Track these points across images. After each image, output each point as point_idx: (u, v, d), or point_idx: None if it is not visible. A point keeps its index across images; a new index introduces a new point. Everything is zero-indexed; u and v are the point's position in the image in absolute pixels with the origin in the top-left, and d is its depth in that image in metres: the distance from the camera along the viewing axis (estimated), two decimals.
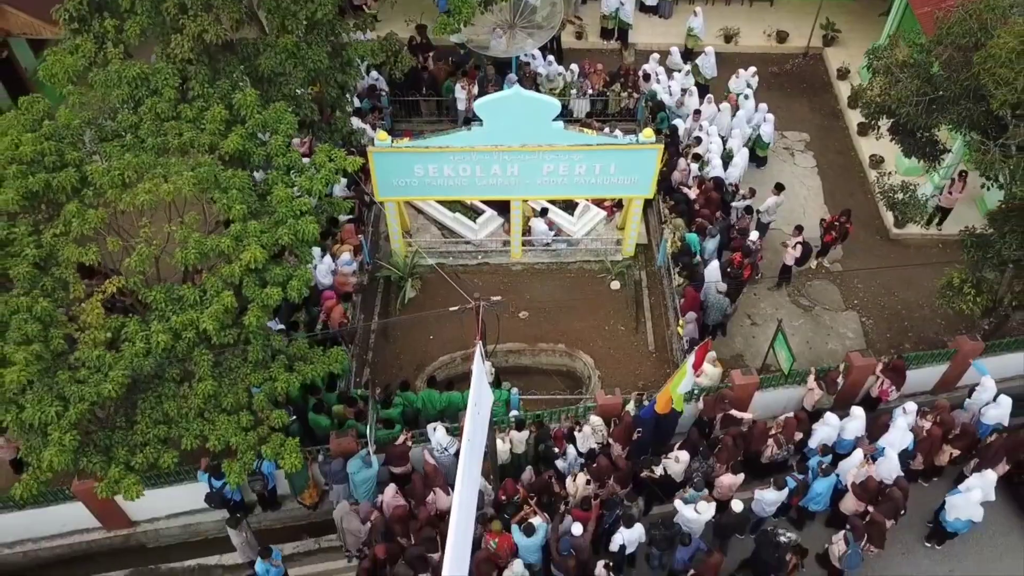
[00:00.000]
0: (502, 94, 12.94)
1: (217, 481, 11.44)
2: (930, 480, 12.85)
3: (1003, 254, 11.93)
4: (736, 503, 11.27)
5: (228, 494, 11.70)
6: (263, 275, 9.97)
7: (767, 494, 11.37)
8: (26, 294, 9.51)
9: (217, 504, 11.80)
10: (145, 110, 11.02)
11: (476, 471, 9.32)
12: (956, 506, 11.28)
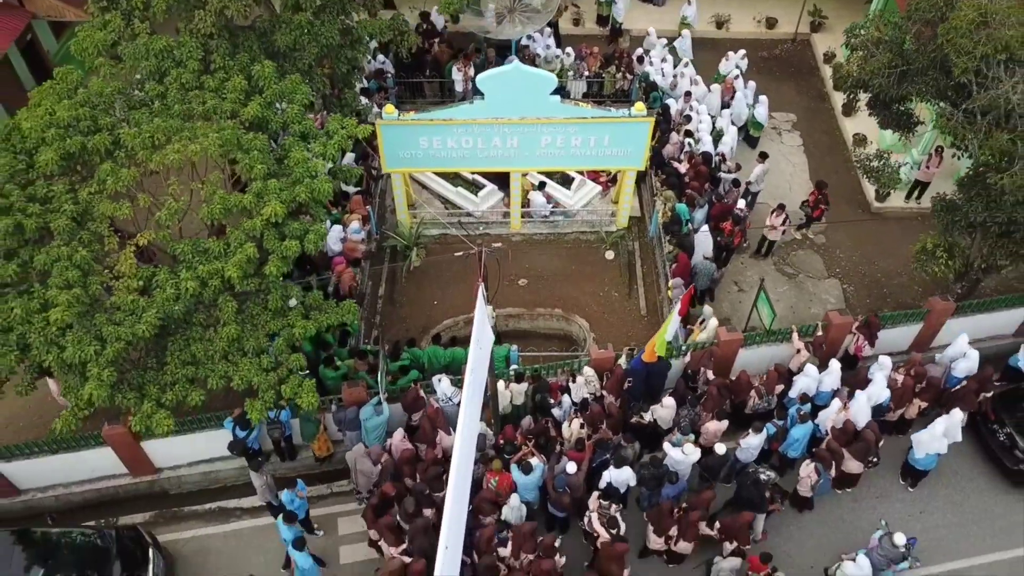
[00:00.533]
0: (502, 68, 13.83)
1: (241, 432, 12.29)
2: (904, 432, 13.69)
3: (970, 217, 12.77)
4: (720, 446, 12.14)
5: (250, 443, 12.53)
6: (282, 229, 10.83)
7: (749, 439, 12.22)
8: (66, 245, 10.38)
9: (239, 452, 12.64)
10: (171, 80, 11.89)
11: (477, 404, 10.17)
12: (922, 442, 12.16)
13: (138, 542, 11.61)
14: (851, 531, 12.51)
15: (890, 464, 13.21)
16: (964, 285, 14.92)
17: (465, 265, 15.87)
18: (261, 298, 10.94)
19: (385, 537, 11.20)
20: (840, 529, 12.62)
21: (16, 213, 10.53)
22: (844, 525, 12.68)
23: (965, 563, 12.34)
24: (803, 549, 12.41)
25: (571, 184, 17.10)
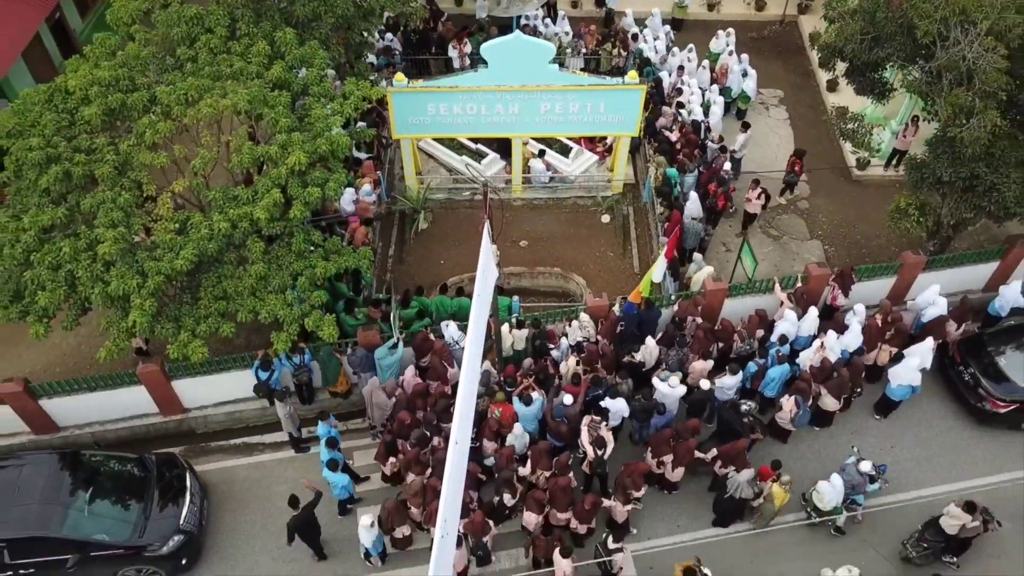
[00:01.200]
0: (505, 38, 14.90)
1: (264, 373, 13.35)
2: (878, 379, 14.71)
3: (937, 173, 13.82)
4: (704, 382, 13.20)
5: (272, 384, 13.57)
6: (305, 177, 11.88)
7: (725, 379, 13.27)
8: (110, 190, 11.43)
9: (264, 394, 13.69)
10: (200, 45, 12.96)
11: (481, 331, 11.17)
12: (898, 374, 13.27)
13: (176, 468, 12.67)
14: (827, 463, 13.53)
15: (865, 403, 14.30)
16: (936, 243, 15.99)
17: (469, 228, 17.08)
18: (285, 241, 12.00)
19: (412, 469, 12.21)
20: (817, 460, 13.67)
21: (64, 162, 11.60)
22: (821, 457, 13.72)
23: (932, 491, 13.36)
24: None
25: (569, 153, 18.17)
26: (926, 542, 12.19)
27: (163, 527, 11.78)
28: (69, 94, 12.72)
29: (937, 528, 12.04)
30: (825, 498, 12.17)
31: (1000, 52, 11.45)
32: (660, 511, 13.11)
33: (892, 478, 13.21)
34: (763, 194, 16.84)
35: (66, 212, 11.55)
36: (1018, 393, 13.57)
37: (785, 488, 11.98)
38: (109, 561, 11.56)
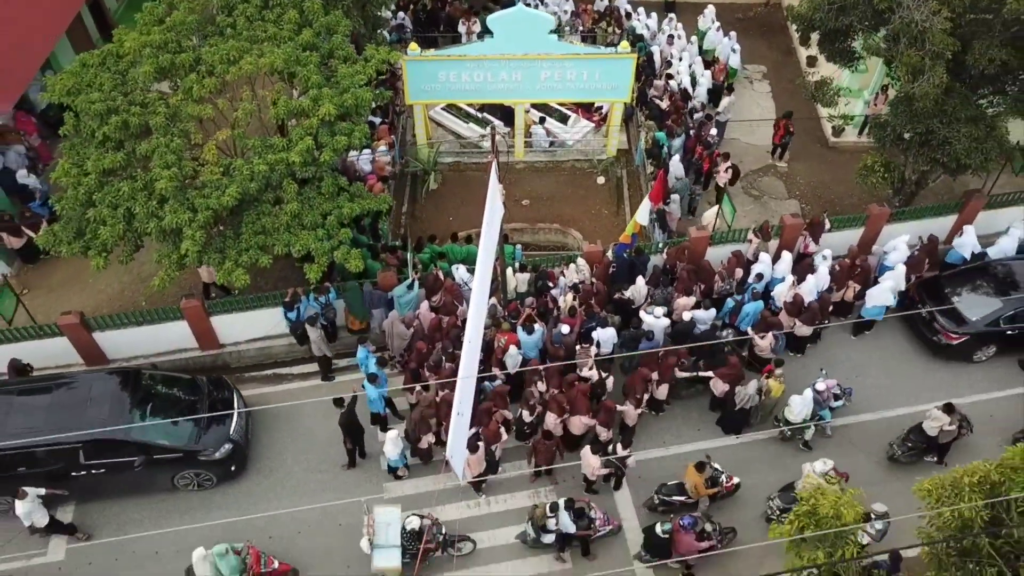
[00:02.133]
0: (509, 9, 16.48)
1: (290, 312, 14.94)
2: (846, 314, 16.29)
3: (897, 130, 15.41)
4: (686, 314, 14.79)
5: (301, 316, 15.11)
6: (333, 127, 13.46)
7: (701, 313, 14.86)
8: (163, 136, 13.02)
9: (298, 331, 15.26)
10: (238, 13, 14.53)
11: (488, 268, 12.72)
12: (873, 296, 14.97)
13: (224, 388, 14.28)
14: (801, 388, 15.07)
15: (837, 340, 15.90)
16: (901, 198, 17.58)
17: (475, 189, 18.61)
18: (316, 184, 13.58)
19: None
20: (791, 387, 15.18)
21: (122, 113, 13.18)
22: (795, 383, 15.20)
23: (895, 412, 14.89)
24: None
25: (568, 120, 19.76)
26: (911, 443, 13.80)
27: (215, 437, 13.38)
28: (120, 57, 14.31)
29: (921, 431, 13.63)
30: (795, 410, 13.77)
31: (944, 15, 13.02)
32: (649, 430, 14.68)
33: (861, 401, 14.82)
34: (731, 168, 18.35)
35: (124, 157, 13.14)
36: (967, 327, 15.16)
37: (779, 380, 13.78)
38: (169, 464, 13.15)
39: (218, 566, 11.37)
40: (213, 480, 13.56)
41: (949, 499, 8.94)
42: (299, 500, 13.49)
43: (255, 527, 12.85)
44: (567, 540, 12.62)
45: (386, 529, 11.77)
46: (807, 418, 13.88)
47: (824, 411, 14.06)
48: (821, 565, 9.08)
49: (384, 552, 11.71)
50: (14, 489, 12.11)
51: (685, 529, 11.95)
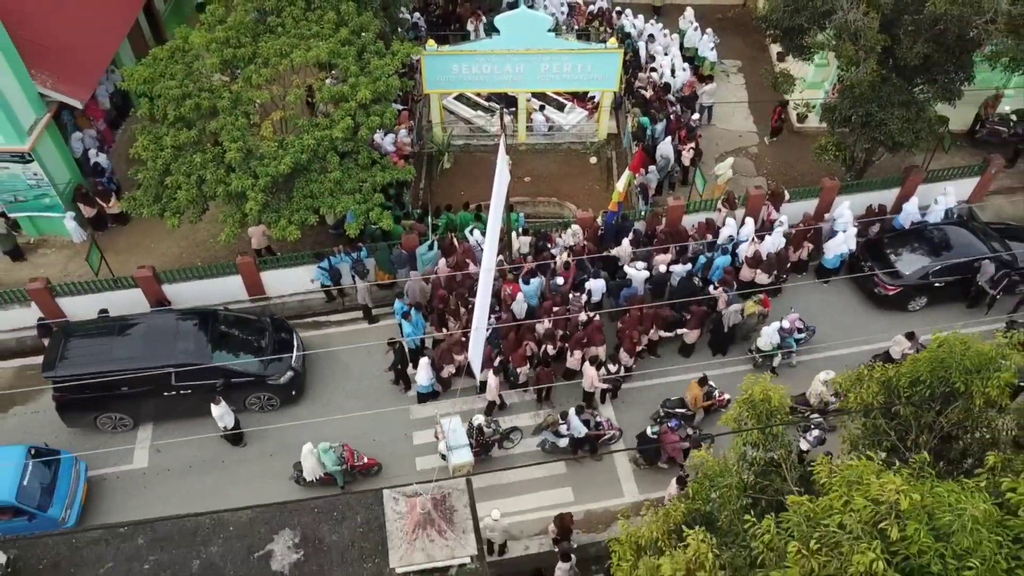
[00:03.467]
0: (514, 11, 19.22)
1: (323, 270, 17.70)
2: (803, 271, 19.04)
3: (843, 113, 18.16)
4: (662, 267, 17.53)
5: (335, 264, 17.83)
6: (368, 109, 16.19)
7: (676, 267, 17.60)
8: (229, 115, 15.75)
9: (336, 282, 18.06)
10: (286, 15, 17.27)
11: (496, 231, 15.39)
12: (831, 247, 17.83)
13: (285, 327, 17.02)
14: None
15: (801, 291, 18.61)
16: (852, 174, 20.33)
17: (483, 168, 21.34)
18: (354, 156, 16.33)
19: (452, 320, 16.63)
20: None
21: (194, 97, 15.92)
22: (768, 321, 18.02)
23: (847, 351, 17.55)
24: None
25: (564, 108, 22.52)
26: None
27: (279, 365, 16.13)
28: (186, 52, 17.03)
29: (888, 355, 16.29)
30: (764, 338, 16.59)
31: (873, 16, 15.77)
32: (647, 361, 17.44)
33: (820, 341, 17.53)
34: (693, 149, 21.02)
35: (196, 134, 15.88)
36: (901, 279, 17.92)
37: (755, 301, 16.75)
38: (243, 388, 15.87)
39: (322, 459, 14.12)
40: (276, 403, 16.30)
41: (853, 387, 11.61)
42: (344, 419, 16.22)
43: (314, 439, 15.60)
44: (580, 443, 15.35)
45: (454, 434, 14.41)
46: (774, 346, 16.64)
47: (789, 339, 16.82)
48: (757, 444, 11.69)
49: (458, 451, 14.11)
50: (119, 406, 14.93)
51: (672, 430, 14.75)
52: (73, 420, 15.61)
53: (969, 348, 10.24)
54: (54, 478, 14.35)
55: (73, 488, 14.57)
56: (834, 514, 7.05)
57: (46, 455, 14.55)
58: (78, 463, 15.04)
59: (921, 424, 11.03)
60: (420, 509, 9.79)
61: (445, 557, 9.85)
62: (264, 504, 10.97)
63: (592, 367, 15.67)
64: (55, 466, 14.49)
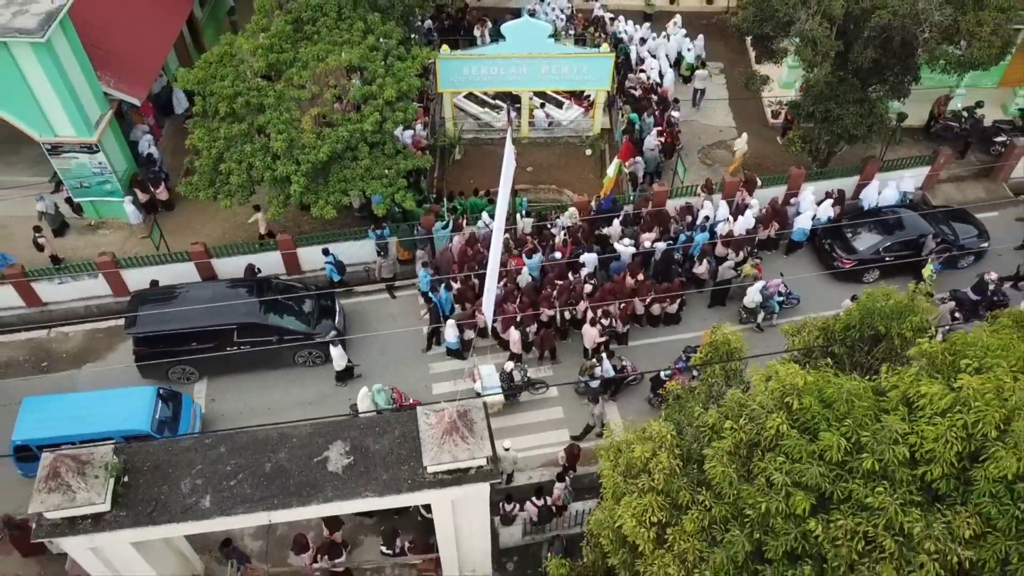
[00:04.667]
0: (517, 20, 21.84)
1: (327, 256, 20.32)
2: (774, 248, 21.66)
3: (806, 109, 20.78)
4: (647, 243, 20.16)
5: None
6: (393, 106, 18.80)
7: (659, 244, 20.22)
8: (274, 111, 18.37)
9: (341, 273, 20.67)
10: (320, 24, 19.87)
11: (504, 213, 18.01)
12: (799, 221, 20.60)
13: (327, 294, 19.65)
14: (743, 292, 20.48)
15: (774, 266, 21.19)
16: (817, 163, 22.95)
17: (490, 160, 23.94)
18: (381, 147, 18.95)
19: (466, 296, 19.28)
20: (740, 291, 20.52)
21: (244, 95, 18.53)
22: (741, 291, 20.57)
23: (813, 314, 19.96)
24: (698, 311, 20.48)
25: (562, 106, 25.14)
26: None
27: (325, 325, 18.86)
28: (233, 56, 19.62)
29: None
30: (749, 296, 19.28)
31: (826, 26, 18.38)
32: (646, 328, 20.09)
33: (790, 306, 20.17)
34: (669, 141, 23.57)
35: (245, 128, 18.49)
36: (855, 255, 20.55)
37: (752, 264, 19.38)
38: (292, 344, 18.53)
39: (376, 399, 16.74)
40: (322, 357, 18.93)
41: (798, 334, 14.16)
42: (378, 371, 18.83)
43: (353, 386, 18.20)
44: (608, 384, 17.95)
45: (489, 377, 17.13)
46: (757, 304, 19.28)
47: (771, 302, 19.44)
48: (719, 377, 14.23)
49: (489, 388, 17.19)
50: (188, 359, 17.74)
51: (680, 371, 17.33)
52: (149, 371, 18.28)
53: (890, 299, 12.75)
54: (177, 414, 17.08)
55: (192, 423, 17.38)
56: (756, 396, 9.67)
57: (169, 397, 17.29)
58: (194, 404, 17.88)
59: (853, 361, 13.61)
60: (448, 419, 12.40)
61: (467, 458, 12.45)
62: (321, 420, 13.60)
63: (592, 328, 18.28)
64: (177, 404, 17.24)
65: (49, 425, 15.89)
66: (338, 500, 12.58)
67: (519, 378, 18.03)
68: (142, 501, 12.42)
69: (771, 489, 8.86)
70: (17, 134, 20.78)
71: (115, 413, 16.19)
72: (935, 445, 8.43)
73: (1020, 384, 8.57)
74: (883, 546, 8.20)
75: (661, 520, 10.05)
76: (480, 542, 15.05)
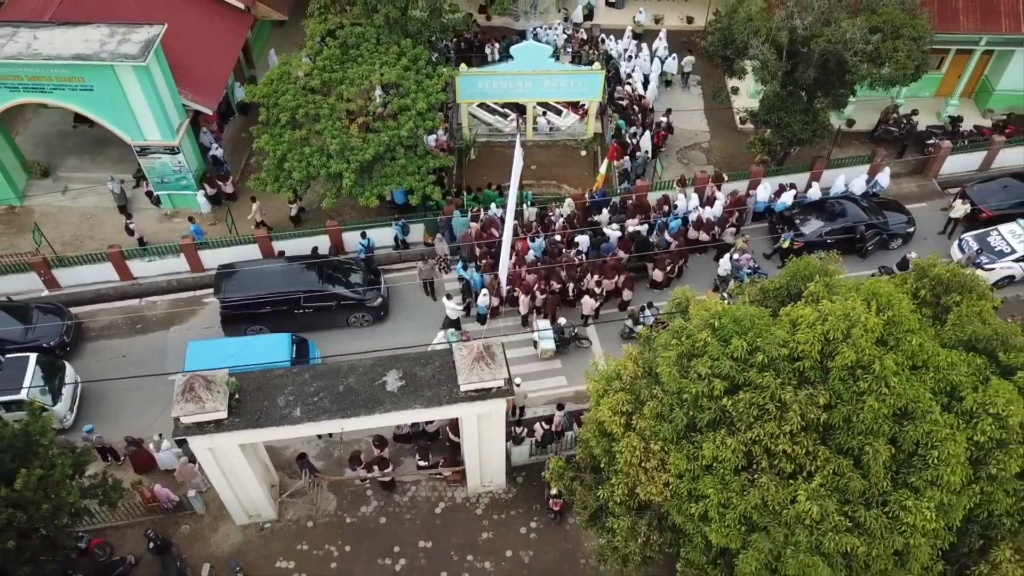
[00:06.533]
0: (523, 43, 26.27)
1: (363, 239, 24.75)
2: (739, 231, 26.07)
3: (762, 117, 25.19)
4: (632, 228, 24.58)
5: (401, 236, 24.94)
6: (424, 115, 23.21)
7: (641, 228, 24.63)
8: (328, 119, 22.78)
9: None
10: (363, 48, 24.28)
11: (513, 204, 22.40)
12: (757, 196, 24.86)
13: (374, 269, 24.07)
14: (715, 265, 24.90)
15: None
16: (775, 162, 27.36)
17: (501, 160, 28.35)
18: (414, 149, 23.37)
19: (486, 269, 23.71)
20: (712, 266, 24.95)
21: (304, 107, 22.95)
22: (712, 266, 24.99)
23: None
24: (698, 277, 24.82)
25: (561, 114, 29.58)
26: None
27: (373, 293, 23.27)
28: (289, 74, 24.03)
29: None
30: (721, 266, 23.70)
31: (773, 51, 22.78)
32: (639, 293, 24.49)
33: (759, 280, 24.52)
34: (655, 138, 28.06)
35: (304, 133, 22.92)
36: (804, 237, 24.95)
37: (742, 240, 23.83)
38: (347, 308, 23.01)
39: (449, 339, 21.23)
40: (370, 320, 23.44)
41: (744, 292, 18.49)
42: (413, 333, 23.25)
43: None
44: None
45: (545, 331, 21.96)
46: (728, 273, 23.67)
47: (741, 273, 23.81)
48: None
49: (544, 341, 22.13)
50: (263, 320, 22.31)
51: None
52: (231, 330, 22.74)
53: (809, 265, 17.10)
54: (304, 353, 21.69)
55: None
56: (693, 321, 14.07)
57: (299, 341, 21.91)
58: (316, 349, 22.41)
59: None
60: (476, 351, 16.80)
61: (489, 379, 16.84)
62: (379, 353, 18.04)
63: (591, 298, 22.70)
64: (304, 346, 21.92)
65: (214, 362, 19.71)
66: (394, 411, 17.01)
67: (568, 332, 22.38)
68: (250, 411, 16.84)
69: (700, 380, 13.25)
70: (103, 138, 25.25)
71: (264, 352, 20.62)
72: (806, 346, 12.84)
73: (862, 308, 12.95)
74: (768, 410, 12.60)
75: (628, 411, 14.48)
76: (497, 456, 19.47)
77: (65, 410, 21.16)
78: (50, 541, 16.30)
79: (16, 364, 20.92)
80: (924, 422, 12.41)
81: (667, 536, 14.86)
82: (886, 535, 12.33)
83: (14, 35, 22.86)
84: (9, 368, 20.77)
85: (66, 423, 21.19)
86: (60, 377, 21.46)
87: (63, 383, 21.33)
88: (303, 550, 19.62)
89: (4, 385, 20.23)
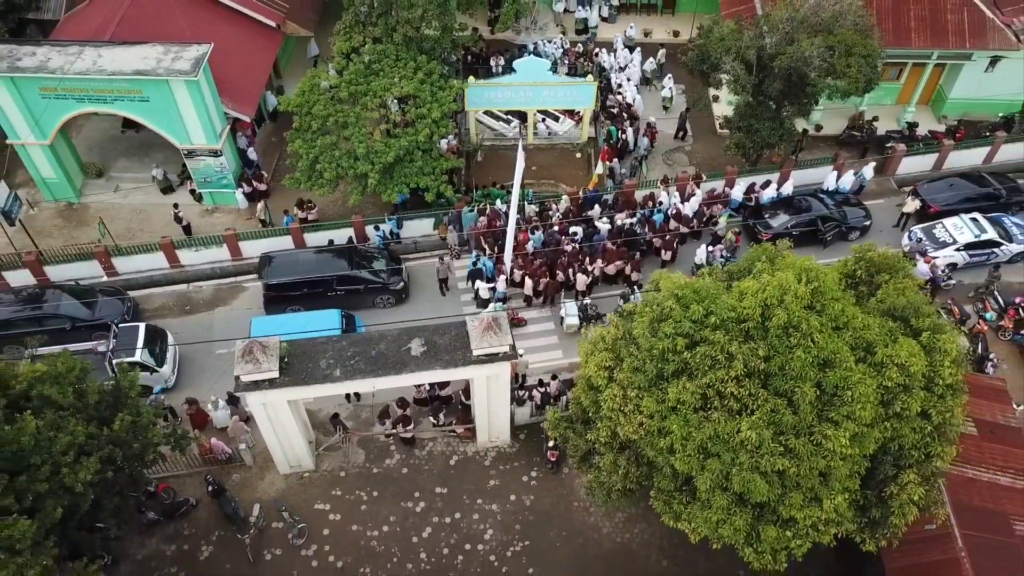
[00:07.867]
0: (525, 58, 29.66)
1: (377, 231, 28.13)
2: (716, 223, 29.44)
3: (736, 124, 28.56)
4: (621, 221, 27.94)
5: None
6: (438, 123, 26.57)
7: (627, 221, 27.99)
8: (355, 126, 26.14)
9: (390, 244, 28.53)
10: (384, 63, 27.65)
11: (516, 201, 25.78)
12: (734, 193, 28.20)
13: (396, 257, 27.48)
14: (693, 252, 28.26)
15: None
16: (750, 163, 30.73)
17: (505, 162, 31.73)
18: (430, 152, 26.75)
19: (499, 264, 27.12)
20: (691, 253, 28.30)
21: (334, 116, 26.31)
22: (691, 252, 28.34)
23: None
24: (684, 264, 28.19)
25: (558, 120, 32.99)
26: None
27: (396, 278, 26.68)
28: (318, 86, 27.39)
29: None
30: (698, 255, 27.06)
31: (742, 66, 26.14)
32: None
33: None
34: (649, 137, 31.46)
35: (334, 139, 26.30)
36: (772, 230, 28.29)
37: (733, 232, 27.13)
38: (373, 291, 26.44)
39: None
40: (393, 302, 26.85)
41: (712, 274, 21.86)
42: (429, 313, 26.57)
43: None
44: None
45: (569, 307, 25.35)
46: (703, 261, 27.02)
47: (715, 261, 27.14)
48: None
49: (570, 317, 25.63)
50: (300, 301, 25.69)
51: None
52: (272, 310, 26.14)
53: (764, 251, 20.46)
54: (352, 326, 25.07)
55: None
56: (661, 293, 17.45)
57: (347, 317, 25.22)
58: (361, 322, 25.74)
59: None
60: (486, 321, 20.18)
61: (497, 345, 20.21)
62: (404, 324, 21.42)
63: (585, 277, 26.14)
64: (351, 321, 25.27)
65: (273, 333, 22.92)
66: (418, 372, 20.40)
67: (591, 310, 25.81)
68: (296, 372, 20.22)
69: (666, 338, 16.61)
70: (149, 141, 28.66)
71: (318, 325, 23.85)
72: (749, 310, 16.22)
73: (794, 281, 16.30)
74: (719, 360, 15.97)
75: (610, 366, 17.87)
76: (502, 415, 22.85)
77: (169, 371, 24.66)
78: (132, 479, 19.69)
79: (129, 332, 24.49)
80: (842, 369, 15.77)
81: (643, 470, 18.24)
82: (811, 458, 15.70)
83: (80, 53, 26.24)
84: (123, 335, 24.28)
85: (169, 383, 24.68)
86: (163, 343, 24.94)
87: (166, 348, 24.83)
88: (337, 495, 23.01)
89: (122, 349, 23.67)
